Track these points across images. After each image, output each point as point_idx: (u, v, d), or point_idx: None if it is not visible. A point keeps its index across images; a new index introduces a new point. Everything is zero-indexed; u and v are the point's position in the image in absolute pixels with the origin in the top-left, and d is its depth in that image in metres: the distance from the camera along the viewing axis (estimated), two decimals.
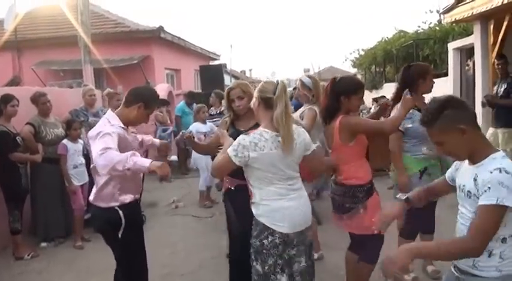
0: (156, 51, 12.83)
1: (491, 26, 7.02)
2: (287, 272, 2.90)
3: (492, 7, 6.11)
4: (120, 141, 3.09)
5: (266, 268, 2.87)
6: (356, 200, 3.45)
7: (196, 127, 7.29)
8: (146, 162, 2.83)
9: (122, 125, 3.23)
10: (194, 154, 7.31)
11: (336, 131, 3.40)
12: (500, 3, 5.91)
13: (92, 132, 3.11)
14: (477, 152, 2.09)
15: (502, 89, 6.54)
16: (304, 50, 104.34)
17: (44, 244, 5.65)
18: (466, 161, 2.18)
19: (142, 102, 3.27)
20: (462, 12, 7.17)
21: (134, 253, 3.43)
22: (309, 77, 4.87)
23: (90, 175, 5.90)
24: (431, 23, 13.71)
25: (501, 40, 6.82)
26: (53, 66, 12.06)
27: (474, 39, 7.57)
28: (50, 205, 5.68)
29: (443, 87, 8.96)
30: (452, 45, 8.73)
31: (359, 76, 21.24)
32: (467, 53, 8.33)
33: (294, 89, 7.43)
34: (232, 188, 3.83)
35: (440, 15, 11.72)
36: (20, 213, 5.29)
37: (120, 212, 3.20)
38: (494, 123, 6.74)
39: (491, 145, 2.17)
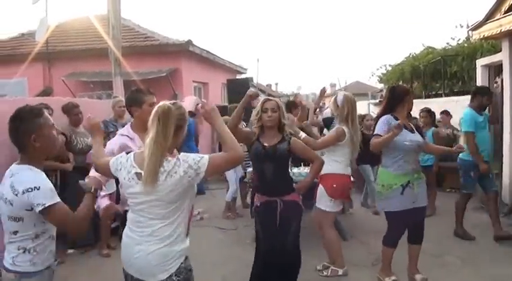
0: (184, 64, 12.98)
1: None
2: None
3: None
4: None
5: None
6: None
7: None
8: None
9: (128, 134, 3.48)
10: None
11: None
12: None
13: None
14: None
15: None
16: (330, 64, 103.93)
17: (70, 251, 5.75)
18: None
19: (132, 106, 3.52)
20: (490, 29, 7.11)
21: None
22: (345, 95, 4.71)
23: (118, 184, 6.03)
24: (459, 39, 13.60)
25: None
26: (82, 77, 12.31)
27: (502, 57, 7.49)
28: None
29: None
30: (480, 62, 8.63)
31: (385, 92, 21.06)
32: (495, 70, 8.22)
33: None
34: (258, 204, 3.89)
35: (468, 32, 11.61)
36: None
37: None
38: None
39: None
